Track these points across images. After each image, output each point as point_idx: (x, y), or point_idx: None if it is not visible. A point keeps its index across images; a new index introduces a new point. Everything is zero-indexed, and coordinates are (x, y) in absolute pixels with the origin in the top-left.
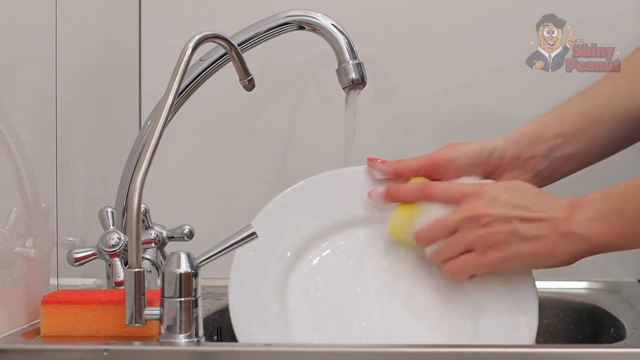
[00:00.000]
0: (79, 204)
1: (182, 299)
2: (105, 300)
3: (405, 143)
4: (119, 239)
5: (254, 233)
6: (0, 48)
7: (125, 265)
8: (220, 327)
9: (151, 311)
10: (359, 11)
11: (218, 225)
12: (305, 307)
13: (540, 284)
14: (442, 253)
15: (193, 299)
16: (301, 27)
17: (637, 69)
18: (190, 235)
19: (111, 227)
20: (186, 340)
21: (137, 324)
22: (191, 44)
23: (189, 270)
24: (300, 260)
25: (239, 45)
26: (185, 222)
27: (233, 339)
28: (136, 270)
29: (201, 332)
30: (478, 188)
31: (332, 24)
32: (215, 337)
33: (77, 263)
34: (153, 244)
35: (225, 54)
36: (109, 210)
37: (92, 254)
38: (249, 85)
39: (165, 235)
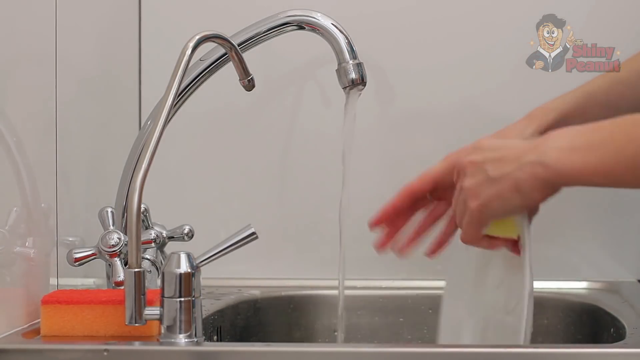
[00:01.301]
0: (79, 204)
1: (182, 299)
2: (105, 300)
3: (405, 143)
4: (119, 239)
5: (253, 233)
6: (0, 48)
7: (125, 265)
8: (220, 327)
9: (151, 311)
10: (359, 11)
11: (218, 225)
12: None
13: (541, 284)
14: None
15: (193, 299)
16: (301, 27)
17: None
18: (190, 235)
19: (111, 227)
20: (186, 340)
21: (137, 324)
22: (191, 44)
23: (189, 270)
24: None
25: (239, 45)
26: (185, 222)
27: (233, 339)
28: (136, 270)
29: (201, 332)
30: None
31: (332, 24)
32: (215, 337)
33: (77, 263)
34: (153, 244)
35: (225, 54)
36: (109, 210)
37: (92, 254)
38: (249, 85)
39: (165, 235)
